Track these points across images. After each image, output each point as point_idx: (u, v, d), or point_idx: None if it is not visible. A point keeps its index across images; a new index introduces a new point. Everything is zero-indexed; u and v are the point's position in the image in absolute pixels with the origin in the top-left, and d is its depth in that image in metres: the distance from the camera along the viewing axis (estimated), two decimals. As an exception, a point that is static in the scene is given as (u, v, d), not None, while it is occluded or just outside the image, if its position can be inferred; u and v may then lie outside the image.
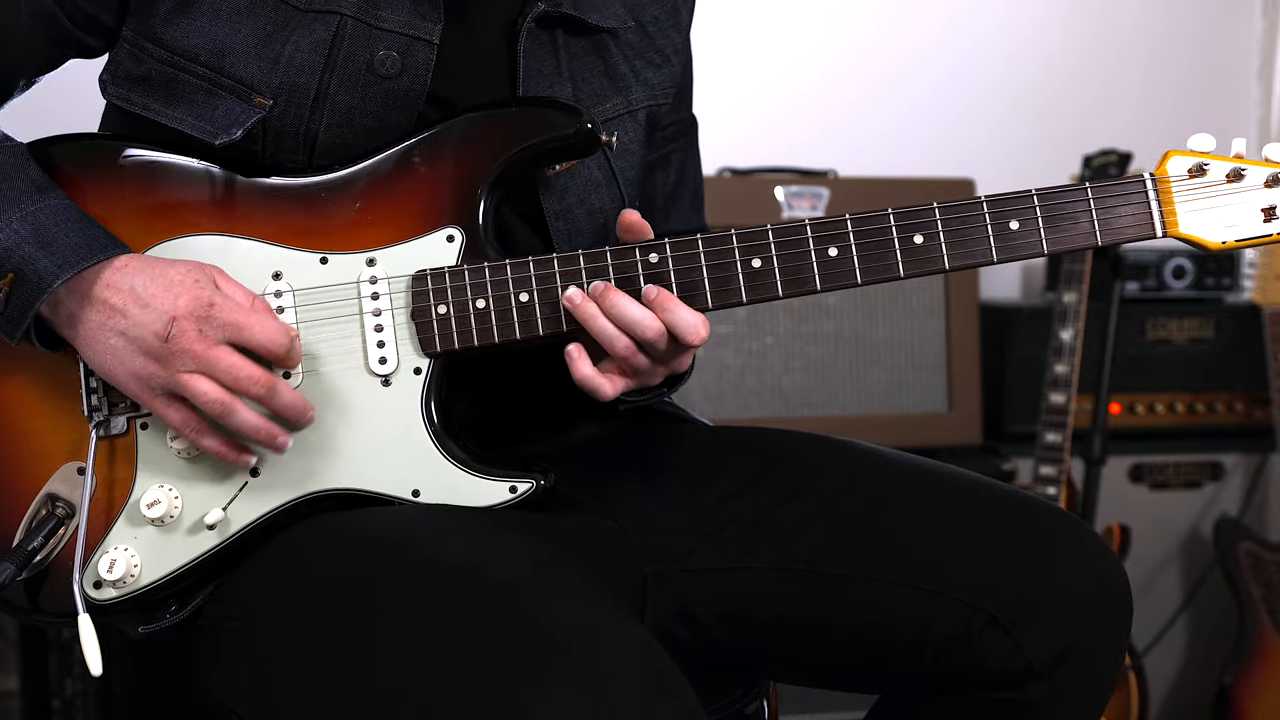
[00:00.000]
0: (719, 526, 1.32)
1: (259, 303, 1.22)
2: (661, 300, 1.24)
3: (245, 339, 1.19)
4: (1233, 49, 3.37)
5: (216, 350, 1.18)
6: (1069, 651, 1.25)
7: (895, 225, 1.26)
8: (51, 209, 1.22)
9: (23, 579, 1.22)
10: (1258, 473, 2.89)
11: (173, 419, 1.21)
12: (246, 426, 1.20)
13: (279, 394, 1.20)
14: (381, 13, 1.29)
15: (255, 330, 1.19)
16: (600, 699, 0.99)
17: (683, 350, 1.27)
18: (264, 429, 1.20)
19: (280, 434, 1.21)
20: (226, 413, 1.19)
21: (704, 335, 1.24)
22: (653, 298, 1.24)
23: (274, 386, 1.20)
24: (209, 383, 1.18)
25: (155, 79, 1.28)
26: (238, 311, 1.19)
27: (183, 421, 1.21)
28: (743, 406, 2.63)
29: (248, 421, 1.20)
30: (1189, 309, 2.89)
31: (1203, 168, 1.27)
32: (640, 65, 1.43)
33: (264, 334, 1.19)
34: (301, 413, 1.22)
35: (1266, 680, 2.70)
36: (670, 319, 1.23)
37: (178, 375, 1.18)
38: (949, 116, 3.21)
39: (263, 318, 1.20)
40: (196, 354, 1.17)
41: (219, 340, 1.18)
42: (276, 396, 1.20)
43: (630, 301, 1.23)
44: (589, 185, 1.38)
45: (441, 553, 1.13)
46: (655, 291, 1.24)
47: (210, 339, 1.18)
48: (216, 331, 1.18)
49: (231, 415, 1.19)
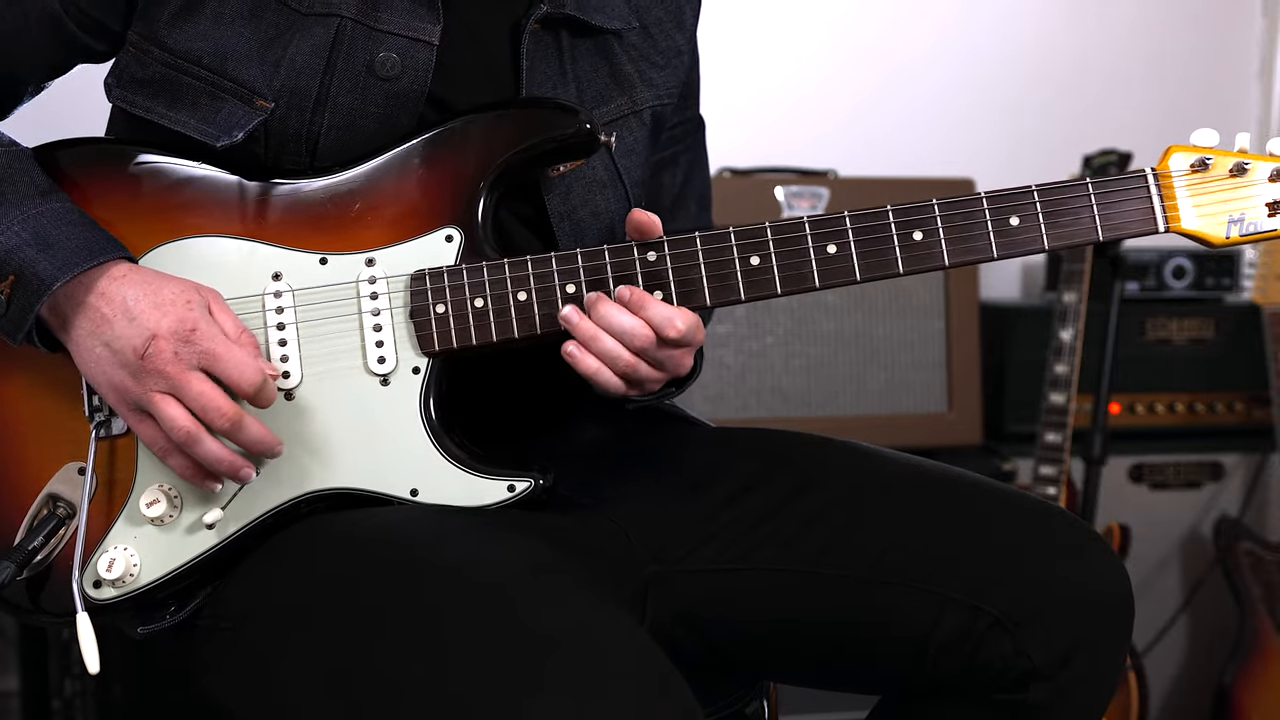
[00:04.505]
0: (720, 527, 1.32)
1: (245, 337, 1.21)
2: (637, 299, 1.23)
3: (218, 369, 1.18)
4: (1233, 49, 3.37)
5: (188, 375, 1.17)
6: (1072, 652, 1.25)
7: (894, 222, 1.25)
8: (53, 212, 1.22)
9: (23, 578, 1.23)
10: (1258, 473, 2.89)
11: (143, 434, 1.21)
12: (210, 458, 1.19)
13: (245, 430, 1.19)
14: (381, 15, 1.29)
15: (229, 363, 1.18)
16: (598, 700, 0.99)
17: (674, 348, 1.26)
18: (226, 461, 1.20)
19: (244, 466, 1.21)
20: (191, 441, 1.18)
21: (680, 328, 1.23)
22: (628, 298, 1.23)
23: (240, 422, 1.19)
24: (178, 408, 1.17)
25: (158, 82, 1.29)
26: (218, 341, 1.18)
27: (151, 438, 1.21)
28: (742, 406, 2.63)
29: (211, 452, 1.19)
30: (1189, 309, 2.89)
31: (1205, 163, 1.26)
32: (645, 66, 1.43)
33: (237, 369, 1.18)
34: (270, 448, 1.21)
35: (1266, 680, 2.70)
36: (647, 315, 1.23)
37: (149, 393, 1.18)
38: (949, 117, 3.21)
39: (241, 352, 1.19)
40: (168, 375, 1.17)
41: (192, 365, 1.18)
42: (243, 432, 1.19)
43: (620, 311, 1.23)
44: (593, 186, 1.38)
45: (440, 553, 1.13)
46: (629, 292, 1.24)
47: (185, 363, 1.17)
48: (192, 357, 1.18)
49: (196, 445, 1.18)
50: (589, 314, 1.24)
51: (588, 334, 1.24)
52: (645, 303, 1.24)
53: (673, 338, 1.23)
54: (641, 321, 1.23)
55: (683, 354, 1.28)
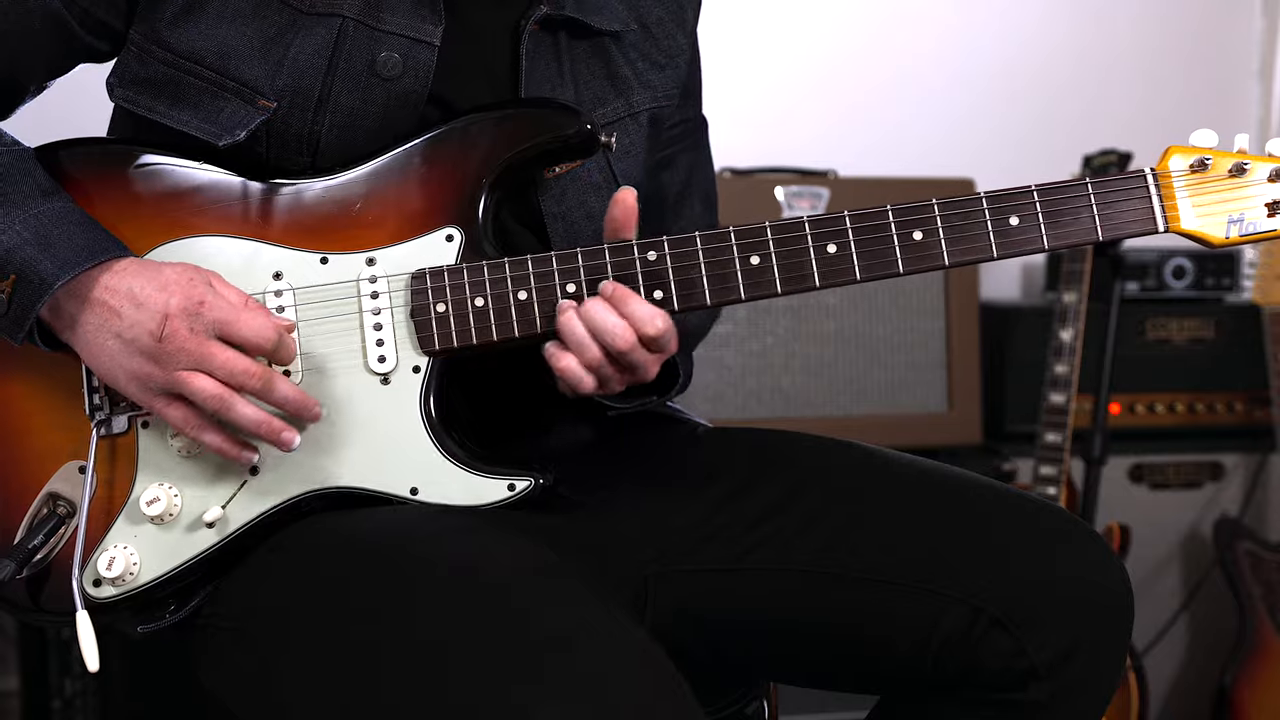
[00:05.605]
0: (720, 527, 1.32)
1: (251, 302, 1.22)
2: (619, 295, 1.23)
3: (233, 334, 1.19)
4: (1233, 49, 3.37)
5: (209, 345, 1.18)
6: (1071, 652, 1.25)
7: (894, 222, 1.25)
8: (54, 212, 1.22)
9: (23, 577, 1.23)
10: (1258, 473, 2.89)
11: (173, 418, 1.21)
12: (247, 421, 1.20)
13: (276, 387, 1.20)
14: (383, 15, 1.29)
15: (243, 325, 1.19)
16: (599, 699, 0.99)
17: (650, 350, 1.25)
18: (265, 423, 1.20)
19: (284, 429, 1.21)
20: (225, 407, 1.19)
21: (660, 327, 1.22)
22: (610, 293, 1.23)
23: (269, 380, 1.20)
24: (206, 379, 1.18)
25: (161, 82, 1.29)
26: (227, 309, 1.19)
27: (183, 419, 1.21)
28: (742, 406, 2.63)
29: (247, 415, 1.20)
30: (1189, 309, 2.89)
31: (1205, 163, 1.26)
32: (643, 67, 1.43)
33: (251, 329, 1.19)
34: (304, 407, 1.22)
35: (1266, 680, 2.70)
36: (626, 311, 1.22)
37: (175, 373, 1.18)
38: (949, 117, 3.21)
39: (252, 313, 1.20)
40: (190, 351, 1.18)
41: (210, 336, 1.18)
42: (274, 390, 1.20)
43: (608, 310, 1.23)
44: (587, 188, 1.38)
45: (441, 554, 1.13)
46: (612, 288, 1.24)
47: (201, 335, 1.18)
48: (207, 328, 1.18)
49: (230, 410, 1.19)
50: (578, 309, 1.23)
51: (563, 321, 1.23)
52: (626, 298, 1.23)
53: (651, 335, 1.22)
54: (625, 323, 1.22)
55: (653, 360, 1.26)
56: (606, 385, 1.26)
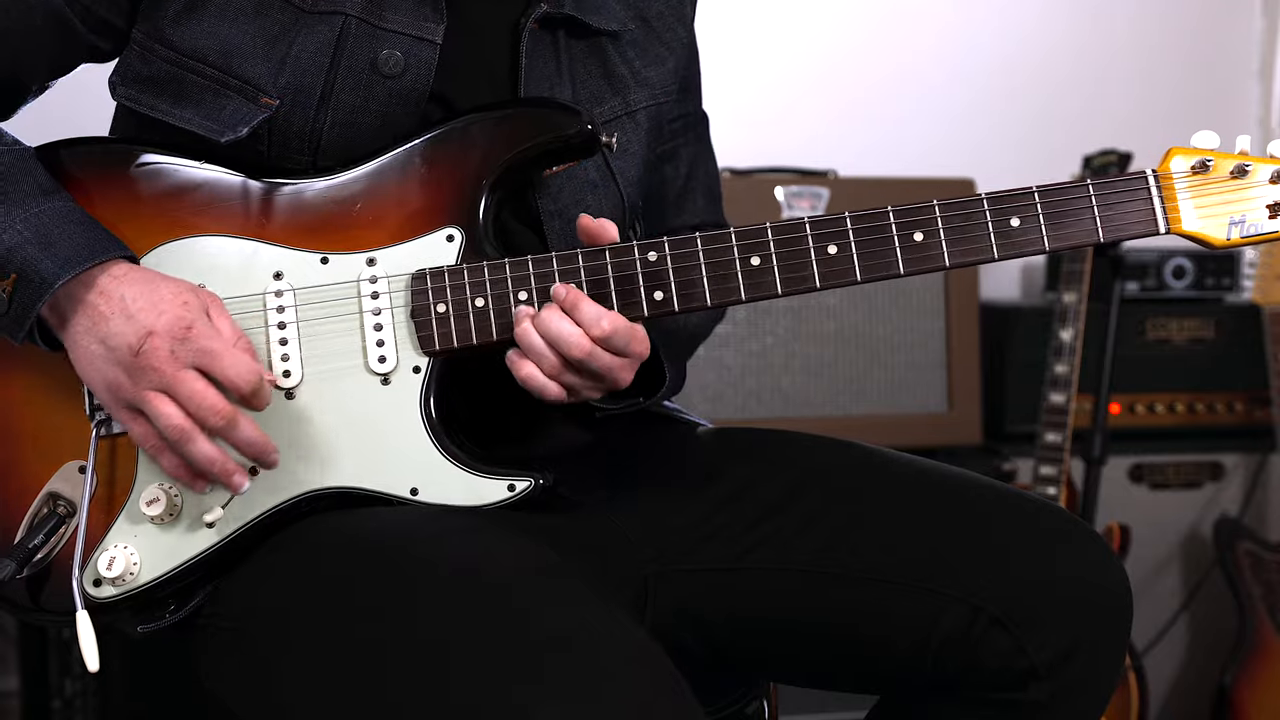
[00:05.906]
0: (719, 527, 1.32)
1: (243, 340, 1.21)
2: (570, 300, 1.22)
3: (215, 367, 1.17)
4: (1232, 49, 3.37)
5: (183, 373, 1.17)
6: (1071, 652, 1.25)
7: (895, 223, 1.25)
8: (55, 211, 1.22)
9: (23, 577, 1.23)
10: (1258, 473, 2.89)
11: (135, 432, 1.20)
12: (201, 458, 1.18)
13: (240, 429, 1.18)
14: (385, 13, 1.29)
15: (226, 362, 1.17)
16: (599, 699, 0.99)
17: (612, 353, 1.24)
18: (219, 463, 1.18)
19: (237, 471, 1.19)
20: (184, 440, 1.17)
21: (605, 329, 1.21)
22: (563, 297, 1.22)
23: (234, 420, 1.18)
24: (171, 405, 1.17)
25: (163, 80, 1.29)
26: (215, 340, 1.18)
27: (143, 436, 1.20)
28: (742, 406, 2.63)
29: (203, 453, 1.18)
30: (1189, 309, 2.89)
31: (1206, 165, 1.26)
32: (640, 65, 1.43)
33: (235, 368, 1.17)
34: (264, 452, 1.20)
35: (1266, 680, 2.70)
36: (578, 316, 1.21)
37: (143, 391, 1.17)
38: (949, 117, 3.21)
39: (238, 353, 1.18)
40: (163, 373, 1.16)
41: (188, 364, 1.17)
42: (237, 431, 1.18)
43: (561, 318, 1.22)
44: (585, 187, 1.38)
45: (441, 554, 1.13)
46: (564, 291, 1.22)
47: (180, 361, 1.17)
48: (188, 355, 1.17)
49: (187, 444, 1.17)
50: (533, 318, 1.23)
51: (520, 328, 1.22)
52: (578, 301, 1.22)
53: (597, 336, 1.21)
54: (580, 331, 1.21)
55: (620, 365, 1.25)
56: (575, 393, 1.25)
